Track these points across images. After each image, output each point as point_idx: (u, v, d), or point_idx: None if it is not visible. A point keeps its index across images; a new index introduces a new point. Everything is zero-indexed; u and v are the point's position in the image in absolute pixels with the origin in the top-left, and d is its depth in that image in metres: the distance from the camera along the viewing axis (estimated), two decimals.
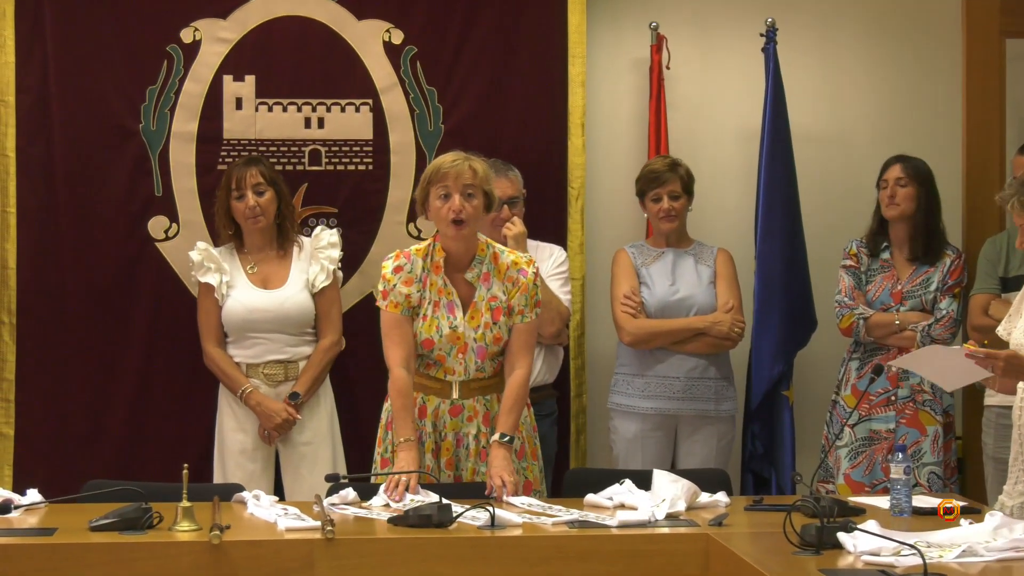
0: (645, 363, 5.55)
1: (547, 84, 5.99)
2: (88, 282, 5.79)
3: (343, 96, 5.89)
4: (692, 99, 6.23)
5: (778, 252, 5.88)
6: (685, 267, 5.60)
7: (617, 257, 5.68)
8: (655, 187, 5.54)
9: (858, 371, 5.59)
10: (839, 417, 5.61)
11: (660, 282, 5.55)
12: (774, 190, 5.90)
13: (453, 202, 4.57)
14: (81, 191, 5.79)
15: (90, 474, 4.95)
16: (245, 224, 5.44)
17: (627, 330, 5.52)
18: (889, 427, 5.51)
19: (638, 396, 5.54)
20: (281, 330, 5.41)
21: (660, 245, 5.65)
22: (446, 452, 4.71)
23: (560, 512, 4.15)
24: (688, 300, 5.53)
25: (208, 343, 5.45)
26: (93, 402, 5.80)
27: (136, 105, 5.80)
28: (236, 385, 5.39)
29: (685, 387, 5.52)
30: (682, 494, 4.19)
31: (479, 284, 4.69)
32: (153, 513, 3.91)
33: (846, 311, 5.59)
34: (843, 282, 5.66)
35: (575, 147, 6.00)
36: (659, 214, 5.56)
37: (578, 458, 5.99)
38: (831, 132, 6.30)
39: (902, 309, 5.56)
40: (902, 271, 5.63)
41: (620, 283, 5.59)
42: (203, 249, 5.46)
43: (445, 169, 4.60)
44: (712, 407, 5.55)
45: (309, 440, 5.45)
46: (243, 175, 5.40)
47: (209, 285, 5.41)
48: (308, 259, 5.51)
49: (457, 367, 4.68)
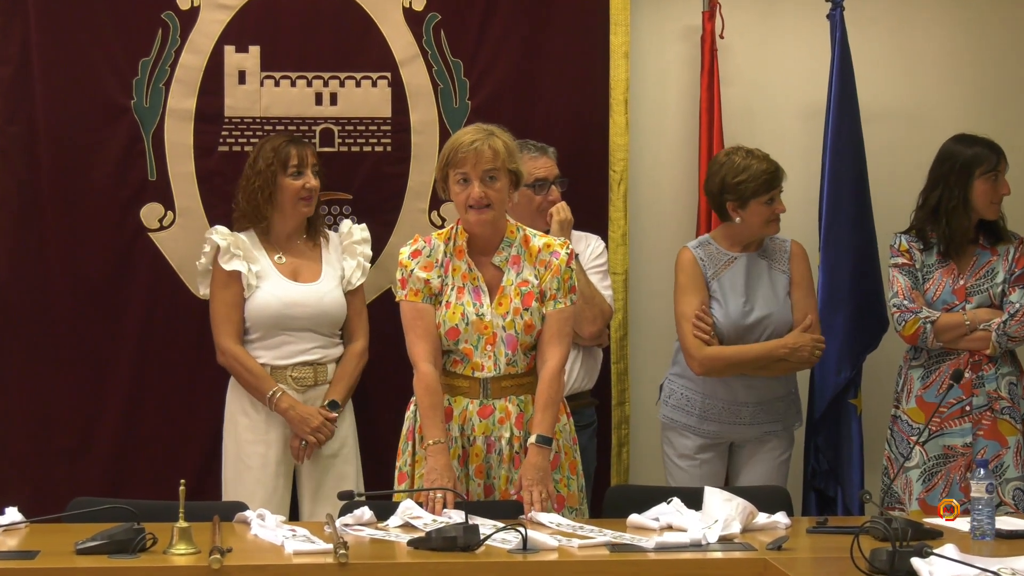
0: (708, 380, 5.47)
1: (586, 56, 5.99)
2: (74, 277, 5.80)
3: (358, 69, 5.89)
4: (749, 72, 6.22)
5: (845, 243, 5.86)
6: (759, 277, 5.50)
7: (682, 261, 5.53)
8: (770, 189, 5.43)
9: (923, 380, 5.53)
10: (903, 434, 5.56)
11: (733, 299, 5.44)
12: (841, 174, 5.89)
13: (472, 190, 4.60)
14: (66, 175, 5.80)
15: (76, 491, 4.97)
16: (295, 206, 5.44)
17: (699, 359, 5.39)
18: (966, 441, 5.46)
19: (697, 416, 5.49)
20: (315, 328, 5.43)
21: (734, 247, 5.52)
22: (475, 458, 4.71)
23: (593, 533, 4.15)
24: (763, 321, 5.44)
25: (226, 339, 5.42)
26: (80, 410, 5.81)
27: (127, 79, 5.80)
28: (263, 387, 5.36)
29: (752, 413, 5.49)
30: (737, 514, 4.19)
31: (508, 268, 4.71)
32: (146, 534, 3.92)
33: (908, 316, 5.49)
34: (898, 283, 5.56)
35: (617, 126, 5.99)
36: (770, 217, 5.45)
37: (620, 474, 5.99)
38: (905, 109, 6.28)
39: (968, 307, 5.51)
40: (962, 264, 5.57)
41: (688, 297, 5.46)
42: (227, 233, 5.45)
43: (463, 152, 4.62)
44: (779, 428, 5.54)
45: (335, 453, 5.46)
46: (303, 152, 5.44)
47: (235, 273, 5.39)
48: (339, 253, 5.54)
49: (486, 362, 4.69)
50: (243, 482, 5.41)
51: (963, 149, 5.55)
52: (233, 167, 5.70)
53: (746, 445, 5.53)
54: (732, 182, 5.39)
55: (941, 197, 5.53)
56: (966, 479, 5.33)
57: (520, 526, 3.98)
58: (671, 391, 5.59)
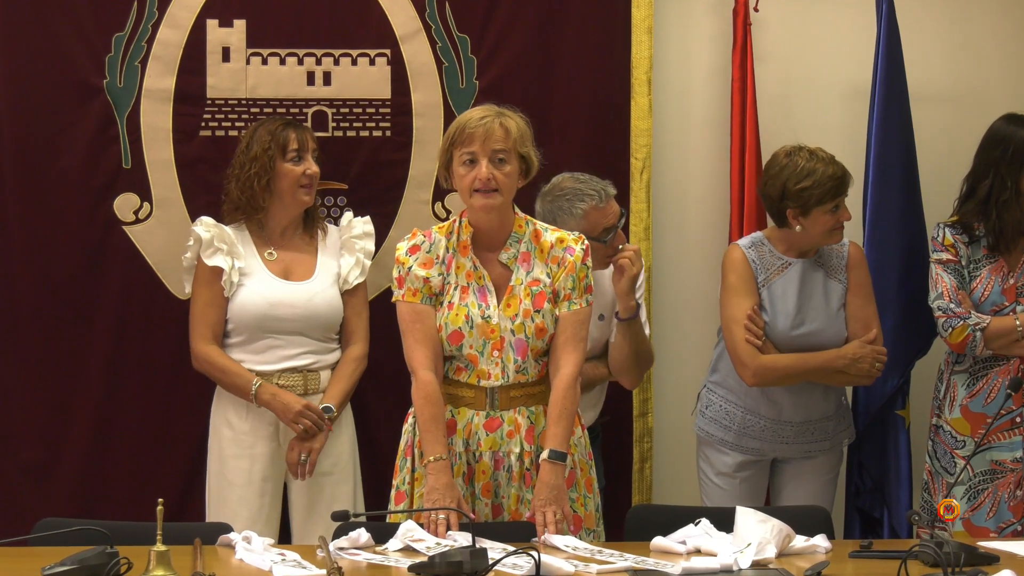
0: (751, 394, 5.47)
1: (605, 31, 5.99)
2: (40, 275, 5.81)
3: (354, 45, 5.90)
4: (786, 49, 6.22)
5: (893, 238, 5.86)
6: (814, 288, 5.47)
7: (732, 260, 5.49)
8: (836, 196, 5.36)
9: (968, 388, 5.53)
10: (946, 446, 5.57)
11: (783, 310, 5.42)
12: (888, 162, 5.89)
13: (479, 170, 4.60)
14: (31, 163, 5.81)
15: (43, 511, 4.99)
16: (295, 195, 5.44)
17: (752, 369, 5.37)
18: (1016, 456, 5.47)
19: (735, 431, 5.49)
20: (305, 332, 5.43)
21: (789, 253, 5.48)
22: (482, 476, 4.71)
23: (613, 557, 4.16)
24: (815, 336, 5.43)
25: (198, 341, 5.43)
26: (47, 422, 5.83)
27: (100, 56, 5.81)
28: (243, 383, 5.34)
29: (798, 431, 5.49)
30: (772, 537, 4.19)
31: (516, 266, 4.72)
32: (120, 559, 3.91)
33: (956, 322, 5.45)
34: (943, 282, 5.53)
35: (640, 108, 6.00)
36: (834, 226, 5.40)
37: (642, 492, 6.00)
38: (958, 91, 6.29)
39: (1019, 309, 5.49)
40: (1012, 260, 5.55)
41: (739, 299, 5.42)
42: (212, 225, 5.45)
43: (471, 129, 4.62)
44: (828, 446, 5.55)
45: (329, 471, 5.46)
46: (303, 136, 5.45)
47: (217, 270, 5.39)
48: (337, 249, 5.55)
49: (493, 369, 4.69)
50: (226, 501, 5.42)
51: (1016, 131, 5.51)
52: (216, 153, 5.73)
53: (791, 461, 5.53)
54: (795, 188, 5.32)
55: (992, 187, 5.50)
56: (1015, 497, 5.34)
57: (533, 550, 3.99)
58: (709, 401, 5.58)
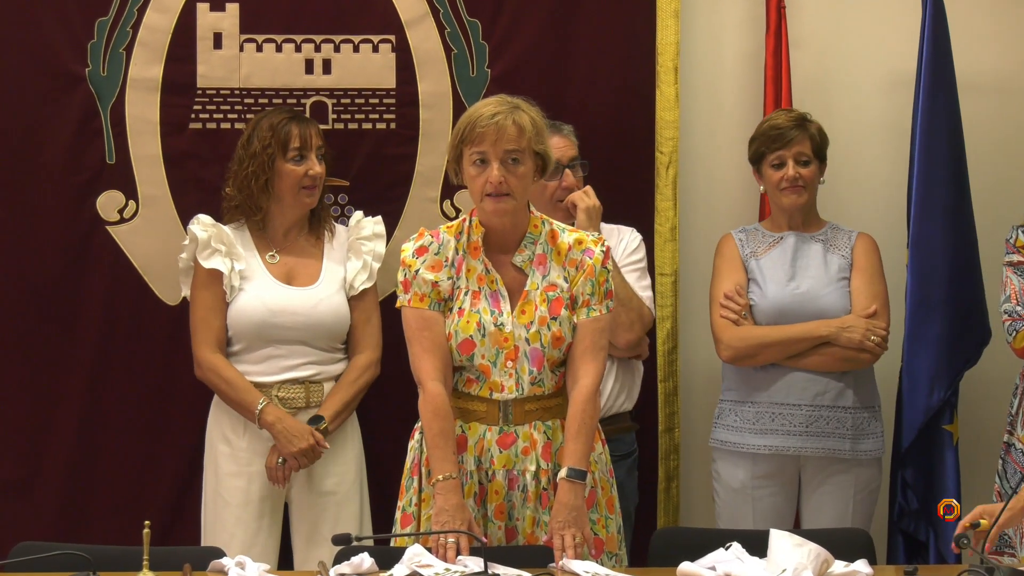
0: (756, 384, 5.52)
1: (629, 14, 6.00)
2: (19, 278, 5.83)
3: (356, 31, 5.91)
4: (824, 35, 6.22)
5: (940, 238, 5.84)
6: (810, 256, 5.57)
7: (721, 246, 5.67)
8: (778, 148, 5.51)
9: None
10: (1017, 465, 5.55)
11: (774, 276, 5.53)
12: (934, 157, 5.86)
13: (491, 173, 4.58)
14: (9, 158, 5.83)
15: (21, 533, 5.00)
16: (296, 197, 5.44)
17: (725, 341, 5.50)
18: None
19: (748, 431, 5.51)
20: (308, 341, 5.42)
21: (779, 228, 5.63)
22: (495, 496, 4.69)
23: None
24: (812, 300, 5.49)
25: (203, 348, 5.42)
26: (26, 436, 5.84)
27: (82, 43, 5.83)
28: (249, 401, 5.34)
29: (810, 418, 5.48)
30: (809, 562, 4.18)
31: (532, 269, 4.70)
32: None
33: (1021, 325, 5.51)
34: (1012, 285, 5.54)
35: (666, 98, 5.99)
36: (781, 183, 5.53)
37: (668, 514, 6.00)
38: (1010, 80, 6.27)
39: None
40: None
41: (721, 280, 5.59)
42: (210, 224, 5.45)
43: (482, 127, 4.61)
44: (848, 446, 5.51)
45: (333, 489, 5.45)
46: (307, 133, 5.44)
47: (215, 272, 5.39)
48: (344, 252, 5.54)
49: (506, 381, 4.68)
50: (222, 522, 5.42)
51: None
52: (207, 147, 5.75)
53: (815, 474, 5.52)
54: (751, 140, 5.59)
55: None
56: None
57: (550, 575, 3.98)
58: (720, 411, 5.64)
